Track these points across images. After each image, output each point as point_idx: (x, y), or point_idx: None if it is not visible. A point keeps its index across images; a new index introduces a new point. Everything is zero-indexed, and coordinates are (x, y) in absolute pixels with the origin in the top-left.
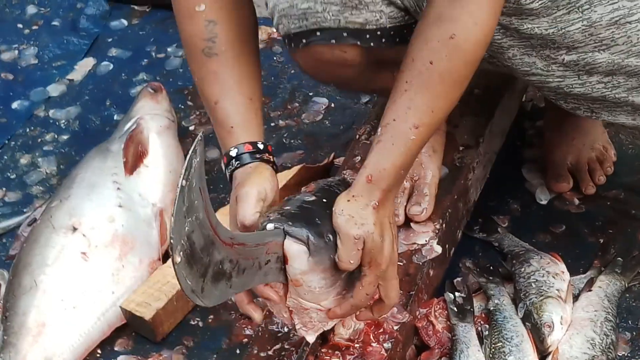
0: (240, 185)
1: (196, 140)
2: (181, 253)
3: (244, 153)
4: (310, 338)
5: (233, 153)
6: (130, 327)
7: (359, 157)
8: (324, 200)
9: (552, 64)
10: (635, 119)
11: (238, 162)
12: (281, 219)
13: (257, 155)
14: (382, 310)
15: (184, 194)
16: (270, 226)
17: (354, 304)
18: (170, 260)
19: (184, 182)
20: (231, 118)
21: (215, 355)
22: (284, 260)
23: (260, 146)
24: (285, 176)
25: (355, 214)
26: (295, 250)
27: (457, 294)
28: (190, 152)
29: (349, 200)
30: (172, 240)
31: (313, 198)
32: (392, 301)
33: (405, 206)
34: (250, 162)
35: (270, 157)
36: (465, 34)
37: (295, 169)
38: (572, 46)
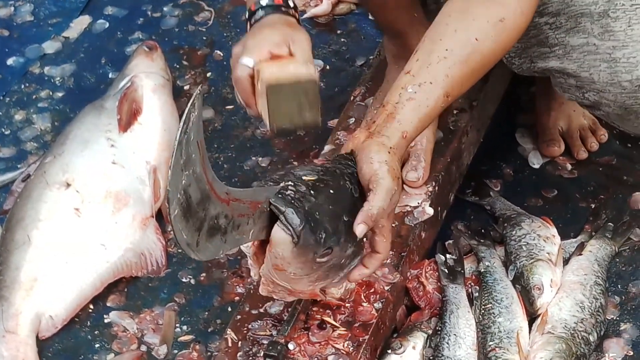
0: (293, 27)
1: (194, 94)
2: (177, 206)
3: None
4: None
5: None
6: None
7: (352, 119)
8: (331, 191)
9: None
10: (563, 62)
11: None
12: (285, 197)
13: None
14: (376, 263)
15: (182, 147)
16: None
17: (383, 257)
18: None
19: (181, 135)
20: None
21: (206, 313)
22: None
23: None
24: None
25: (395, 167)
26: (281, 237)
27: (448, 255)
28: (188, 105)
29: (389, 152)
30: (168, 193)
31: (322, 185)
32: (386, 253)
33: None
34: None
35: None
36: (513, 20)
37: None
38: None
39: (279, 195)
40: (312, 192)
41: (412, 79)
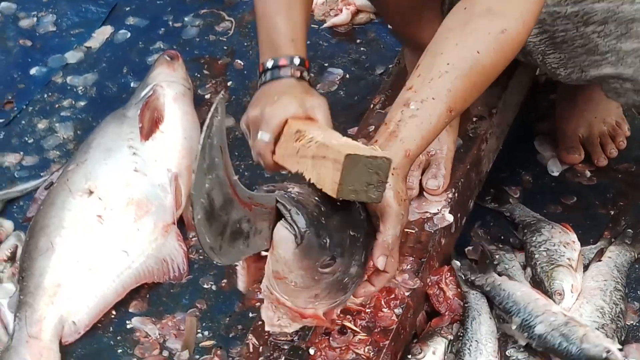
0: (310, 93)
1: (217, 99)
2: (201, 210)
3: (305, 69)
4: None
5: (296, 61)
6: None
7: (372, 127)
8: (339, 204)
9: (557, 18)
10: (617, 67)
11: (299, 70)
12: (291, 198)
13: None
14: (383, 281)
15: (205, 151)
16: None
17: (390, 277)
18: None
19: (205, 139)
20: (293, 31)
21: (227, 319)
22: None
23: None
24: None
25: (400, 190)
26: (284, 236)
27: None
28: (211, 110)
29: (392, 174)
30: (192, 197)
31: (329, 197)
32: (393, 272)
33: (420, 179)
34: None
35: None
36: (515, 31)
37: None
38: None
39: (286, 195)
40: (318, 199)
41: (414, 94)
